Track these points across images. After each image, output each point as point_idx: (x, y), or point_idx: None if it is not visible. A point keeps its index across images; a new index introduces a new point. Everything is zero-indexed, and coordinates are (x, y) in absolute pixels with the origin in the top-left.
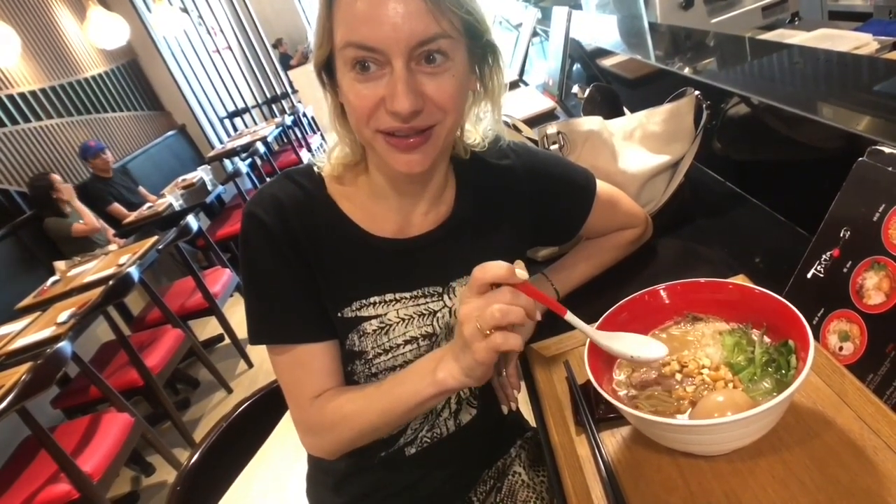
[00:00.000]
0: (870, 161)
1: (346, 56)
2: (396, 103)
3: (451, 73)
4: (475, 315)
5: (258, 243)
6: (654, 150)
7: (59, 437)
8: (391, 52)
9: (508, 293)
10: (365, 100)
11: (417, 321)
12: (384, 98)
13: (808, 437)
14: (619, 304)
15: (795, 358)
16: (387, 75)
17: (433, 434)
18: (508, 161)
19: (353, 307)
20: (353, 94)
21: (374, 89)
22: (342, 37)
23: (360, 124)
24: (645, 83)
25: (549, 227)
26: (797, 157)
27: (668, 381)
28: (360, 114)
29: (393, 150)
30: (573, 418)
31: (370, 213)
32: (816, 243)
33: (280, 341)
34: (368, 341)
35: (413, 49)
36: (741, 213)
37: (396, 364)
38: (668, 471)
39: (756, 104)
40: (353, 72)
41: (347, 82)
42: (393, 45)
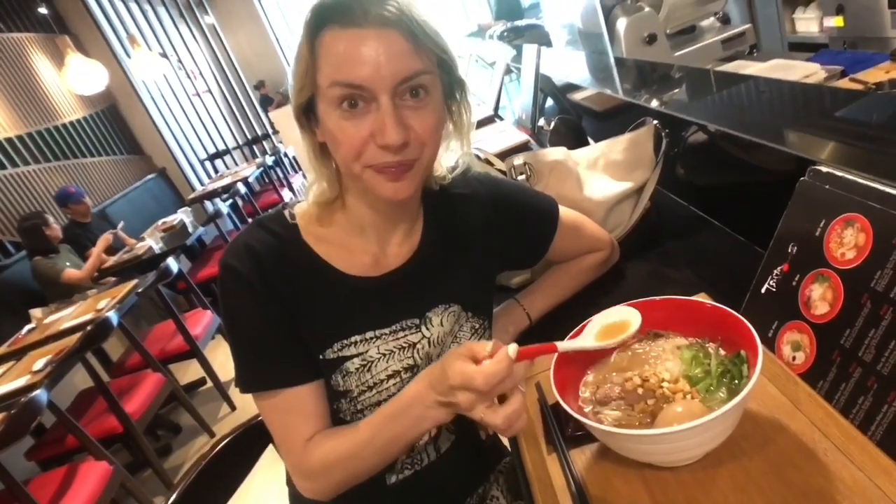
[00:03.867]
0: (810, 180)
1: (332, 95)
2: (387, 136)
3: (431, 107)
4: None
5: (237, 293)
6: (618, 177)
7: (34, 489)
8: (377, 89)
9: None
10: (353, 137)
11: (398, 355)
12: (372, 133)
13: (765, 443)
14: (582, 326)
15: (747, 367)
16: (373, 111)
17: (413, 461)
18: (473, 190)
19: (334, 348)
20: (341, 132)
21: (362, 126)
22: (328, 77)
23: (349, 160)
24: (612, 115)
25: (516, 252)
26: (750, 179)
27: (630, 395)
28: (349, 150)
29: (381, 180)
30: (544, 438)
31: (346, 251)
32: (768, 259)
33: (267, 388)
34: (352, 380)
35: (398, 85)
36: (704, 235)
37: (381, 399)
38: (635, 483)
39: (712, 131)
40: (340, 110)
41: (334, 121)
42: (379, 83)
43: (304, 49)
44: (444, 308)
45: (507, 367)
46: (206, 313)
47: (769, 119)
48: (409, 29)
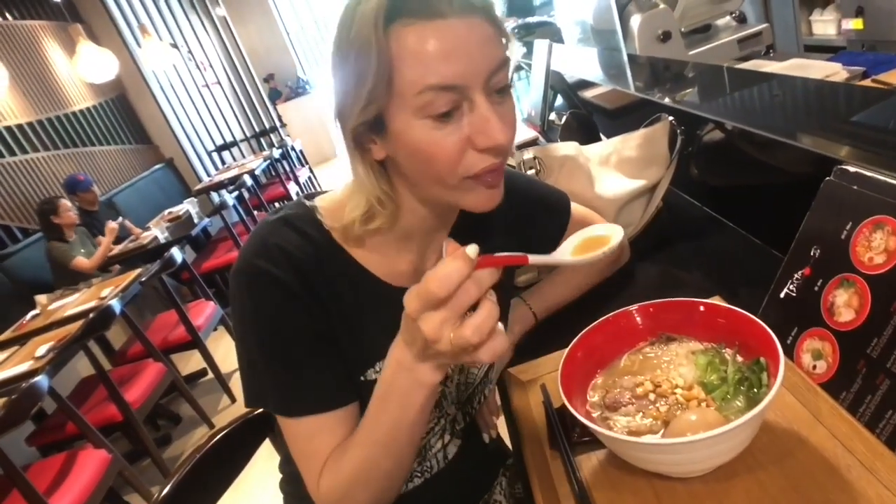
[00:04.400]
0: (836, 180)
1: (421, 102)
2: (495, 135)
3: (512, 99)
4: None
5: (273, 301)
6: (630, 174)
7: (33, 475)
8: (472, 86)
9: (473, 290)
10: (450, 146)
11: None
12: (469, 137)
13: (783, 456)
14: (592, 327)
15: (767, 375)
16: (466, 113)
17: (423, 469)
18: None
19: (376, 368)
20: (434, 144)
21: (457, 131)
22: (416, 82)
23: (445, 174)
24: (624, 113)
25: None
26: (769, 179)
27: (641, 401)
28: (447, 163)
29: (479, 189)
30: (549, 442)
31: (386, 259)
32: (788, 263)
33: (310, 412)
34: None
35: (489, 78)
36: (717, 237)
37: None
38: (644, 494)
39: (729, 129)
40: (427, 118)
41: (423, 132)
42: (473, 79)
43: (373, 53)
44: None
45: (463, 267)
46: (208, 304)
47: (791, 117)
48: (491, 13)
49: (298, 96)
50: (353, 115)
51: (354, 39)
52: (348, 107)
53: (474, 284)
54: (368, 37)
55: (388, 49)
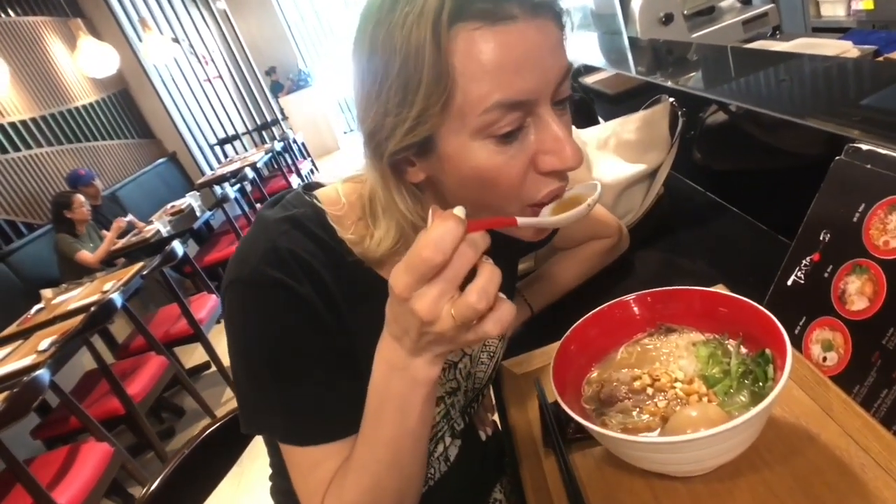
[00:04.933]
0: (848, 160)
1: (482, 123)
2: (567, 156)
3: (569, 111)
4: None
5: (288, 319)
6: (630, 158)
7: (37, 468)
8: (539, 98)
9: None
10: (514, 170)
11: (442, 378)
12: (532, 159)
13: (791, 454)
14: (586, 318)
15: (773, 368)
16: (530, 131)
17: (427, 475)
18: None
19: None
20: (497, 169)
21: (521, 154)
22: (482, 99)
23: (511, 199)
24: (625, 98)
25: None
26: (776, 162)
27: (638, 396)
28: (510, 189)
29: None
30: (543, 439)
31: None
32: (796, 248)
33: (326, 440)
34: None
35: (556, 89)
36: (722, 223)
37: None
38: (642, 494)
39: (733, 110)
40: (489, 140)
41: (481, 154)
42: (543, 91)
43: (428, 62)
44: None
45: (456, 227)
46: (211, 297)
47: (798, 96)
48: (558, 10)
49: (300, 89)
50: (394, 138)
51: (401, 44)
52: (388, 128)
53: (470, 247)
54: (422, 42)
55: (449, 59)
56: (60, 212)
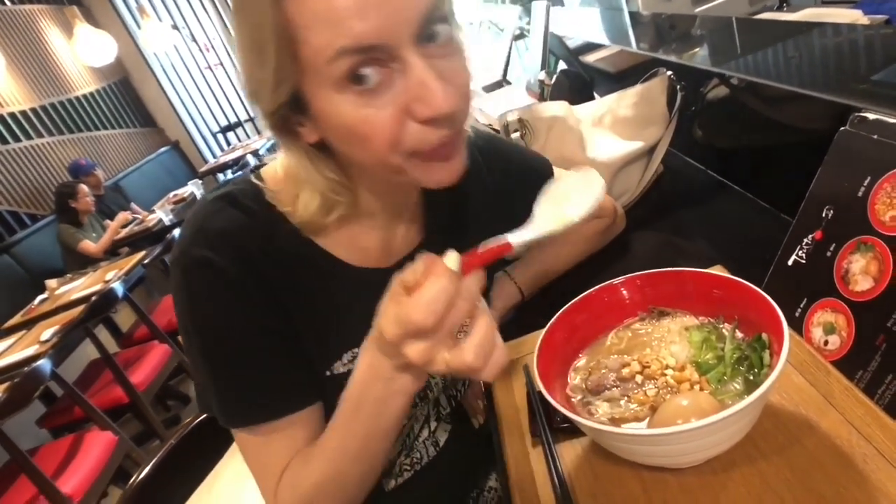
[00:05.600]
0: (853, 130)
1: (338, 72)
2: (437, 101)
3: (460, 48)
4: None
5: (213, 296)
6: (627, 136)
7: (42, 456)
8: (398, 42)
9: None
10: (385, 122)
11: None
12: (407, 107)
13: (789, 444)
14: (572, 304)
15: (769, 353)
16: (397, 78)
17: (412, 460)
18: (474, 158)
19: (344, 360)
20: (365, 122)
21: (391, 102)
22: (326, 46)
23: (387, 153)
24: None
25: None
26: (779, 137)
27: (627, 384)
28: (384, 142)
29: (432, 166)
30: (529, 428)
31: (352, 243)
32: (797, 226)
33: (264, 419)
34: None
35: (422, 28)
36: (722, 201)
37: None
38: (631, 486)
39: (734, 84)
40: (351, 91)
41: (349, 108)
42: (398, 31)
43: (269, 20)
44: None
45: (449, 285)
46: None
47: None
48: None
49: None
50: (265, 99)
51: (247, 12)
52: (257, 90)
53: (464, 300)
54: (263, 11)
55: (287, 13)
56: (65, 201)
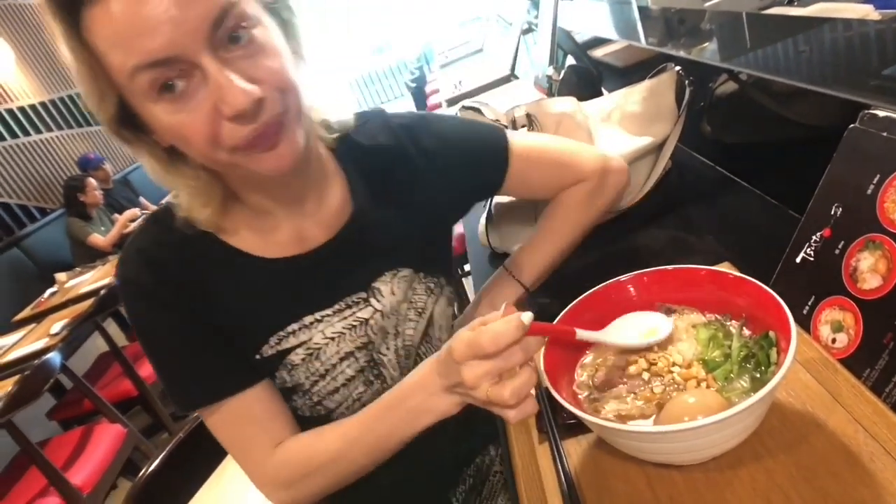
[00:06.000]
0: (862, 127)
1: (141, 86)
2: (235, 99)
3: (269, 45)
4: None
5: (143, 310)
6: (635, 131)
7: (52, 448)
8: (193, 52)
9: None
10: (198, 123)
11: (349, 335)
12: (216, 108)
13: (796, 442)
14: (579, 301)
15: (776, 351)
16: (201, 84)
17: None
18: (398, 141)
19: (271, 343)
20: (180, 125)
21: (200, 105)
22: (123, 66)
23: (210, 152)
24: (635, 70)
25: (464, 195)
26: (788, 133)
27: (634, 381)
28: (202, 141)
29: (257, 155)
30: (536, 424)
31: (259, 234)
32: (805, 223)
33: (211, 401)
34: (300, 373)
35: (211, 34)
36: (731, 198)
37: (338, 385)
38: (636, 482)
39: (743, 79)
40: (163, 100)
41: (163, 116)
42: (190, 43)
43: (74, 48)
44: (393, 274)
45: (516, 331)
46: None
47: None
48: None
49: None
50: (98, 113)
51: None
52: (94, 107)
53: (522, 350)
54: (59, 31)
55: (85, 42)
56: (74, 195)
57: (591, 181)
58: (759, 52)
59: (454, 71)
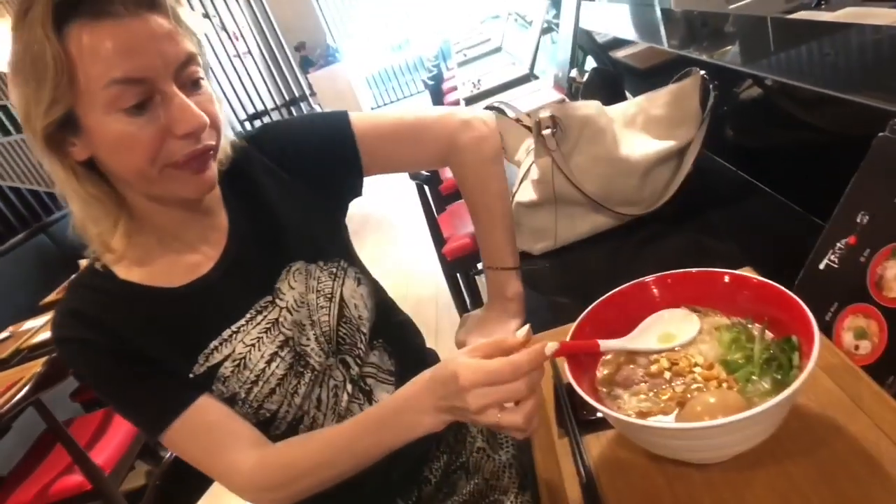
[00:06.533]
0: (892, 136)
1: (109, 96)
2: (190, 120)
3: (209, 92)
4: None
5: (85, 360)
6: (659, 135)
7: (76, 428)
8: (160, 78)
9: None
10: (147, 137)
11: (266, 338)
12: (166, 127)
13: (816, 445)
14: (603, 299)
15: (798, 355)
16: (159, 105)
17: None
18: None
19: (199, 362)
20: (129, 137)
21: (152, 123)
22: (100, 77)
23: (144, 165)
24: (656, 72)
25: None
26: (812, 140)
27: (655, 379)
28: (144, 154)
29: (185, 175)
30: (556, 420)
31: (160, 266)
32: (830, 230)
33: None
34: (233, 383)
35: (178, 70)
36: (753, 203)
37: (272, 387)
38: (655, 479)
39: (768, 83)
40: (121, 112)
41: (117, 126)
42: (158, 71)
43: (48, 56)
44: (286, 271)
45: (539, 361)
46: None
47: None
48: (166, 10)
49: (328, 64)
50: (39, 117)
51: (28, 46)
52: (33, 109)
53: (539, 374)
54: (41, 42)
55: (65, 50)
56: None
57: (459, 135)
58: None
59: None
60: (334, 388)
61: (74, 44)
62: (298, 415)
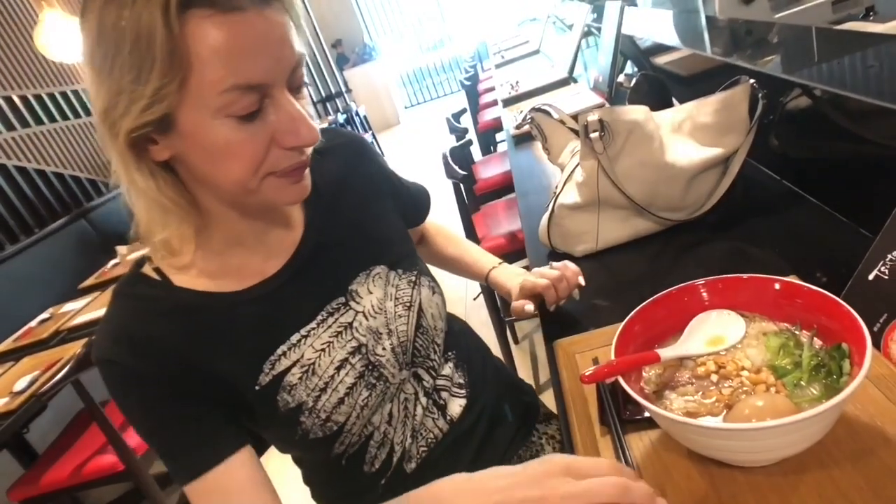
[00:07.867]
0: None
1: (224, 102)
2: (304, 133)
3: (307, 95)
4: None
5: (127, 391)
6: (706, 142)
7: (111, 409)
8: (274, 83)
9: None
10: (255, 146)
11: (337, 342)
12: (274, 136)
13: (863, 454)
14: (653, 300)
15: (849, 363)
16: (269, 112)
17: (427, 440)
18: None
19: (265, 371)
20: (238, 144)
21: (262, 130)
22: (219, 80)
23: (247, 174)
24: (699, 80)
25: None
26: (860, 151)
27: (702, 381)
28: (250, 163)
29: (285, 185)
30: (598, 418)
31: (227, 270)
32: (881, 241)
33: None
34: (300, 391)
35: (290, 76)
36: (796, 213)
37: (341, 396)
38: (699, 480)
39: (816, 94)
40: (231, 118)
41: (221, 132)
42: (277, 75)
43: (161, 44)
44: (367, 274)
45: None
46: None
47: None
48: (286, 7)
49: (364, 62)
50: (130, 115)
51: (132, 24)
52: (123, 106)
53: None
54: (154, 25)
55: (183, 42)
56: None
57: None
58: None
59: (510, 71)
60: (405, 401)
61: (194, 37)
62: (368, 430)
